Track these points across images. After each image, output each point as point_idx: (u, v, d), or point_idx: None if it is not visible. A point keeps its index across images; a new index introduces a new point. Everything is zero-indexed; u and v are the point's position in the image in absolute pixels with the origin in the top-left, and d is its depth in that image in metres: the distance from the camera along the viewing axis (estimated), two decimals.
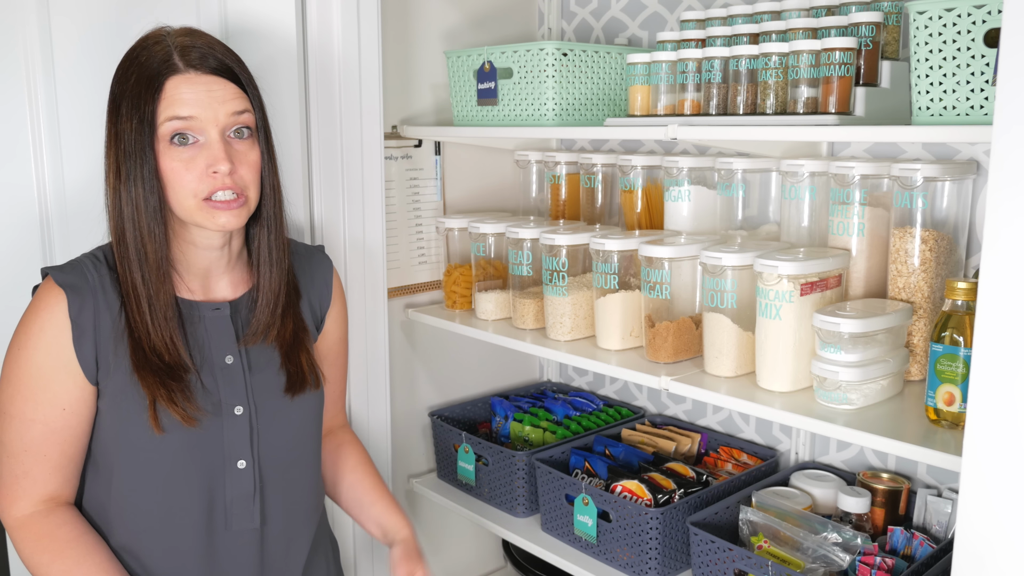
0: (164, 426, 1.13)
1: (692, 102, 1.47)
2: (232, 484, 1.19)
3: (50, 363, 1.11)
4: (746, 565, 1.33)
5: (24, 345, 1.12)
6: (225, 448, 1.18)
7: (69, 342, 1.11)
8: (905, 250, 1.30)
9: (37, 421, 1.12)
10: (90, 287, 1.13)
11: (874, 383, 1.23)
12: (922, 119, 1.17)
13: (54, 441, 1.13)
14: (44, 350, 1.11)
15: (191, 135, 1.10)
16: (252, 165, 1.15)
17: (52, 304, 1.12)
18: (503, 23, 2.01)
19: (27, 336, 1.12)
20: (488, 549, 2.18)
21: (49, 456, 1.14)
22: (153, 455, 1.14)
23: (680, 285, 1.45)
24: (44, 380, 1.12)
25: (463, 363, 2.05)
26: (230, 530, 1.20)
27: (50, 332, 1.11)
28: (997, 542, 0.90)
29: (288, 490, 1.25)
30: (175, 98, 1.09)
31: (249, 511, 1.20)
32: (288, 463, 1.25)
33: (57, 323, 1.11)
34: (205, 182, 1.10)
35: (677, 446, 1.75)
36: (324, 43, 1.61)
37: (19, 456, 1.13)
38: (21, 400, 1.12)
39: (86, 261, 1.16)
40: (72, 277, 1.13)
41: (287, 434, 1.24)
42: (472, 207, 2.02)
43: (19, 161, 1.44)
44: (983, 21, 1.09)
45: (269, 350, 1.23)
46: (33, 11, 1.41)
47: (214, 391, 1.17)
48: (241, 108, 1.13)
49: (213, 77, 1.11)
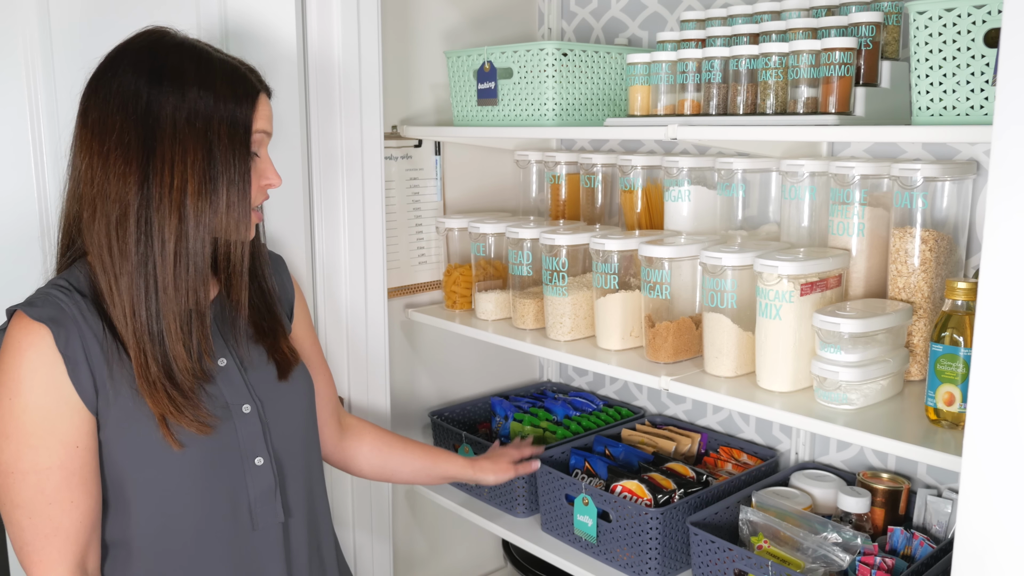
0: (181, 440, 1.09)
1: (692, 102, 1.47)
2: (253, 482, 1.17)
3: (50, 402, 1.04)
4: (746, 565, 1.33)
5: (17, 392, 1.03)
6: (242, 448, 1.16)
7: (65, 376, 1.04)
8: (905, 250, 1.30)
9: (54, 467, 1.04)
10: (70, 317, 1.05)
11: (874, 383, 1.23)
12: (922, 119, 1.17)
13: (76, 483, 1.06)
14: (41, 391, 1.03)
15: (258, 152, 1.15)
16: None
17: (36, 341, 1.04)
18: (503, 23, 2.01)
19: (17, 381, 1.03)
20: (488, 549, 2.18)
21: (77, 502, 1.06)
22: (174, 472, 1.11)
23: (680, 285, 1.45)
24: (50, 422, 1.04)
25: (463, 363, 2.05)
26: (257, 529, 1.18)
27: (42, 371, 1.03)
28: (997, 542, 0.90)
29: (305, 479, 1.25)
30: (263, 115, 1.14)
31: (272, 506, 1.19)
32: (300, 451, 1.25)
33: (47, 360, 1.03)
34: (260, 194, 1.16)
35: (677, 446, 1.75)
36: (324, 43, 1.61)
37: (44, 512, 1.04)
38: (31, 452, 1.04)
39: (55, 292, 1.08)
40: (49, 310, 1.05)
41: (294, 421, 1.24)
42: (472, 207, 2.02)
43: (19, 165, 1.44)
44: (983, 21, 1.09)
45: (254, 347, 1.23)
46: (33, 11, 1.41)
47: (218, 395, 1.16)
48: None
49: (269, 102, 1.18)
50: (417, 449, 1.52)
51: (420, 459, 1.51)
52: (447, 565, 2.10)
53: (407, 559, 2.01)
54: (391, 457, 1.49)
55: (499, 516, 1.77)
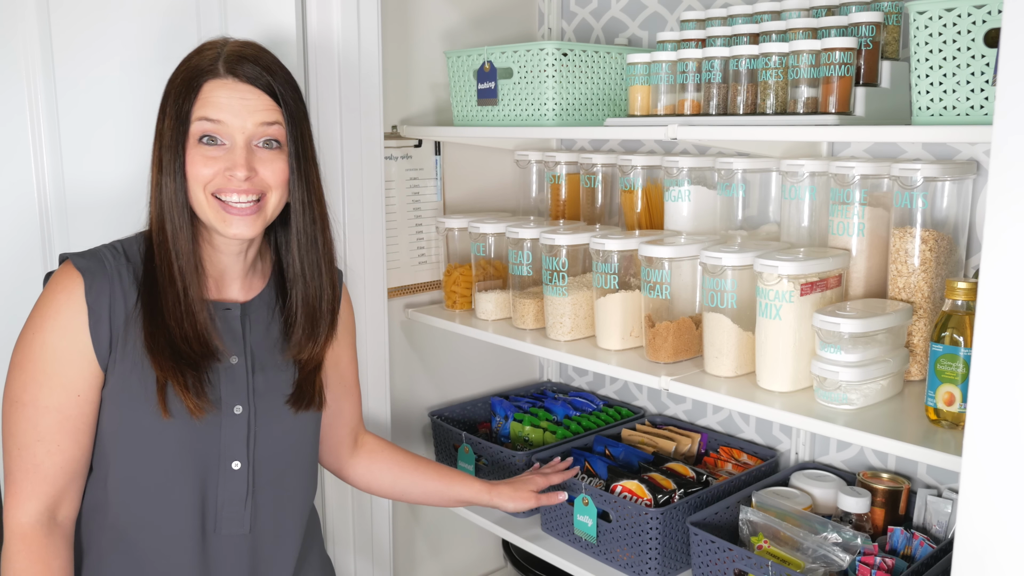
0: (171, 411, 1.12)
1: (692, 102, 1.47)
2: (225, 486, 1.18)
3: (65, 346, 1.10)
4: (746, 565, 1.33)
5: (40, 328, 1.11)
6: (221, 447, 1.17)
7: (85, 326, 1.10)
8: (905, 250, 1.30)
9: (51, 408, 1.10)
10: (107, 274, 1.12)
11: (874, 383, 1.23)
12: (922, 119, 1.17)
13: (68, 429, 1.11)
14: (60, 332, 1.10)
15: (219, 138, 1.12)
16: (276, 172, 1.15)
17: (70, 287, 1.11)
18: (503, 23, 2.01)
19: (43, 318, 1.11)
20: (488, 549, 2.18)
21: (63, 447, 1.12)
22: (153, 443, 1.14)
23: (680, 285, 1.45)
24: (59, 364, 1.10)
25: (463, 363, 2.05)
26: (218, 534, 1.19)
27: (66, 314, 1.10)
28: (997, 542, 0.90)
29: (280, 496, 1.24)
30: (209, 100, 1.11)
31: (239, 515, 1.20)
32: (283, 468, 1.24)
33: (73, 306, 1.10)
34: (218, 178, 1.12)
35: (677, 446, 1.75)
36: (324, 44, 1.61)
37: (31, 447, 1.11)
38: (35, 386, 1.10)
39: (104, 250, 1.16)
40: (91, 262, 1.13)
41: (284, 440, 1.24)
42: (472, 207, 2.02)
43: (19, 159, 1.44)
44: (983, 21, 1.09)
45: (276, 356, 1.23)
46: (33, 11, 1.41)
47: (216, 387, 1.17)
48: (271, 120, 1.14)
49: (249, 87, 1.13)
50: (431, 471, 1.48)
51: (434, 481, 1.47)
52: (447, 565, 2.10)
53: (407, 559, 2.01)
54: (402, 477, 1.46)
55: (499, 516, 1.77)
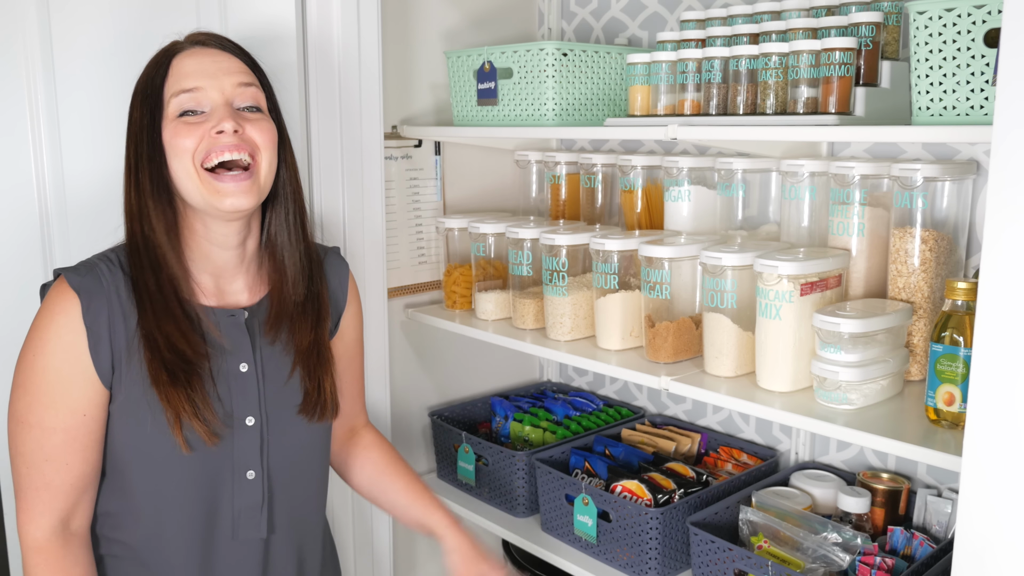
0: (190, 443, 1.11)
1: (692, 102, 1.47)
2: (240, 494, 1.18)
3: (68, 369, 1.08)
4: (746, 565, 1.33)
5: (40, 351, 1.09)
6: (235, 459, 1.16)
7: (85, 348, 1.08)
8: (905, 250, 1.30)
9: (58, 429, 1.09)
10: (104, 291, 1.10)
11: (874, 383, 1.23)
12: (922, 119, 1.17)
13: (76, 448, 1.10)
14: (60, 356, 1.08)
15: (198, 109, 1.09)
16: (264, 131, 1.12)
17: (67, 308, 1.09)
18: (503, 23, 2.01)
19: (42, 341, 1.09)
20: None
21: (72, 465, 1.11)
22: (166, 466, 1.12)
23: (680, 285, 1.45)
24: (63, 386, 1.09)
25: (463, 363, 2.05)
26: (236, 539, 1.19)
27: (66, 337, 1.08)
28: (997, 542, 0.90)
29: (296, 500, 1.24)
30: (181, 72, 1.09)
31: (256, 521, 1.19)
32: (297, 474, 1.24)
33: (73, 328, 1.08)
34: (205, 141, 1.08)
35: (677, 446, 1.75)
36: (324, 44, 1.61)
37: (40, 467, 1.10)
38: (40, 408, 1.09)
39: (100, 264, 1.13)
40: (86, 280, 1.10)
41: (298, 448, 1.23)
42: (472, 207, 2.02)
43: (19, 160, 1.44)
44: (983, 21, 1.09)
45: (285, 360, 1.21)
46: (33, 10, 1.41)
47: (227, 401, 1.15)
48: (247, 80, 1.12)
49: (218, 51, 1.12)
50: (403, 486, 1.40)
51: (404, 496, 1.39)
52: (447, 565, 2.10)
53: (407, 559, 2.01)
54: (379, 481, 1.41)
55: (499, 516, 1.77)
